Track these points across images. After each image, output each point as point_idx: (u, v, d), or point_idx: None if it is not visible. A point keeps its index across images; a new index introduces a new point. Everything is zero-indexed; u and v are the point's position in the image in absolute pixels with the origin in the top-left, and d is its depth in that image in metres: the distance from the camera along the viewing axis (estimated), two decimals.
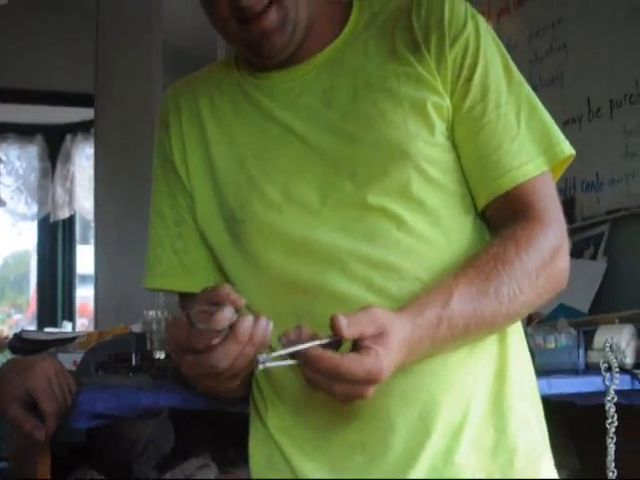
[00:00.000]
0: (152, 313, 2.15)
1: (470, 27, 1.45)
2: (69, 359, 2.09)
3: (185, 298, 1.58)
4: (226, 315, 1.18)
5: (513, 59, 1.49)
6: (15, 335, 2.49)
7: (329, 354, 1.15)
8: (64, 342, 2.36)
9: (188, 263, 1.55)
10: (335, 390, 1.17)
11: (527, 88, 1.48)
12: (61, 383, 1.65)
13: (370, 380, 1.17)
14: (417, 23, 1.46)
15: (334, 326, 1.16)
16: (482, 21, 1.48)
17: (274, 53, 1.45)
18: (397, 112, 1.41)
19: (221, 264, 1.52)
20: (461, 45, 1.44)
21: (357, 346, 1.18)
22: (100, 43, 4.14)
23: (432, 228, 1.40)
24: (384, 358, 1.18)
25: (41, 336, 2.44)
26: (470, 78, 1.43)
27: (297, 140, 1.44)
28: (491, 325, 1.35)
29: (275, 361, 1.18)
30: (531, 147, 1.43)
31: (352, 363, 1.15)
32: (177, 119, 1.57)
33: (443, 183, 1.42)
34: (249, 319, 1.18)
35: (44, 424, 1.60)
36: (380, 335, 1.19)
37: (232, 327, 1.17)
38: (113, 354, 2.02)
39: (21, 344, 2.33)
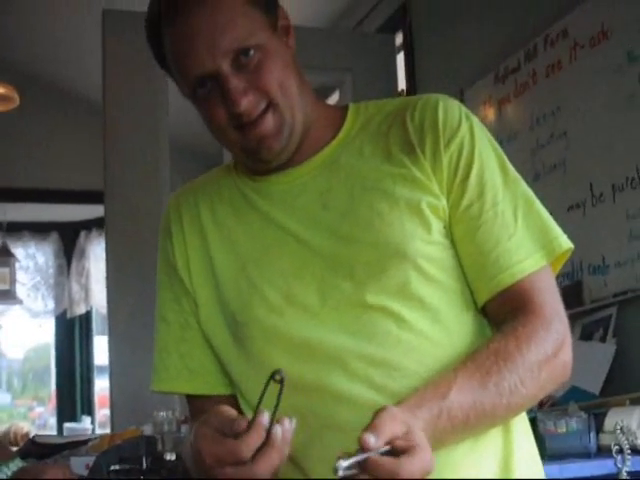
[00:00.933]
0: (163, 414, 2.16)
1: (464, 128, 1.48)
2: (82, 462, 2.10)
3: (193, 399, 1.60)
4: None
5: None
6: (29, 440, 2.51)
7: (387, 459, 1.13)
8: (77, 445, 2.37)
9: (193, 366, 1.57)
10: None
11: (523, 185, 1.50)
12: None
13: (424, 474, 1.16)
14: (411, 125, 1.49)
15: (364, 447, 1.13)
16: (476, 121, 1.51)
17: (272, 157, 1.48)
18: (393, 212, 1.43)
19: (225, 365, 1.54)
20: (456, 146, 1.46)
21: (394, 448, 1.16)
22: (108, 143, 4.20)
23: (432, 325, 1.41)
24: (427, 451, 1.18)
25: (54, 440, 2.45)
26: (466, 178, 1.45)
27: (295, 242, 1.47)
28: (492, 417, 1.35)
29: (349, 469, 1.14)
30: (529, 243, 1.44)
31: (407, 464, 1.14)
32: (179, 226, 1.60)
33: (442, 280, 1.44)
34: (279, 427, 1.18)
35: None
36: (409, 432, 1.18)
37: (268, 436, 1.18)
38: (124, 457, 2.03)
39: (35, 448, 2.35)
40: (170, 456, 2.00)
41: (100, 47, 4.23)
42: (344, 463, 1.12)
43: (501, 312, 1.44)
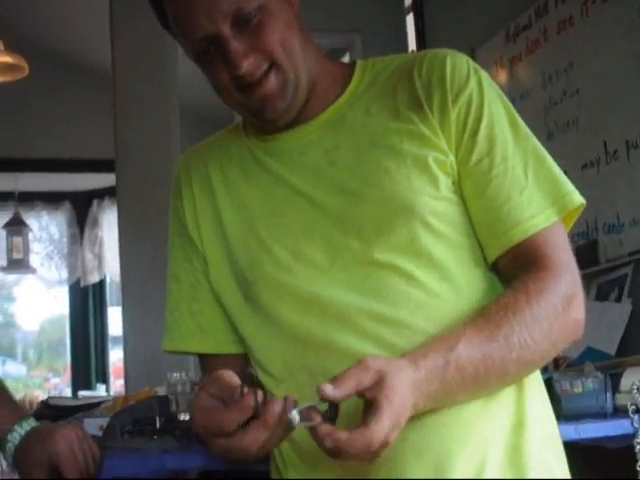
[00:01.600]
0: (176, 375, 2.16)
1: (473, 82, 1.46)
2: (96, 424, 2.10)
3: (204, 359, 1.60)
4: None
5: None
6: (42, 402, 2.51)
7: (336, 434, 1.17)
8: (90, 407, 2.38)
9: (205, 325, 1.57)
10: (349, 460, 1.20)
11: (534, 140, 1.48)
12: (83, 448, 1.66)
13: (377, 449, 1.18)
14: (419, 81, 1.47)
15: (321, 396, 1.18)
16: (485, 75, 1.49)
17: (277, 117, 1.47)
18: (400, 169, 1.42)
19: (236, 324, 1.54)
20: (464, 101, 1.45)
21: (365, 400, 1.20)
22: (118, 110, 4.20)
23: (442, 282, 1.40)
24: (386, 419, 1.18)
25: (67, 402, 2.46)
26: (475, 132, 1.44)
27: (304, 200, 1.46)
28: (502, 372, 1.34)
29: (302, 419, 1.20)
30: (540, 198, 1.43)
31: (353, 441, 1.16)
32: (188, 187, 1.60)
33: (451, 236, 1.43)
34: (278, 404, 1.20)
35: None
36: (379, 382, 1.19)
37: (261, 411, 1.19)
38: (137, 418, 2.03)
39: (48, 411, 2.35)
40: (184, 416, 2.00)
41: (108, 16, 4.21)
42: (295, 413, 1.18)
43: (512, 268, 1.43)
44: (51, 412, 2.32)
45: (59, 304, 8.17)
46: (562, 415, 2.18)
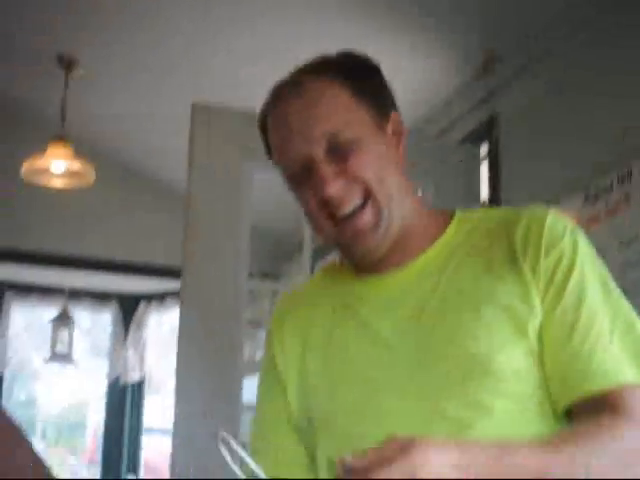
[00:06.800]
0: None
1: (567, 240, 1.47)
2: None
3: None
4: None
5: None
6: None
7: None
8: None
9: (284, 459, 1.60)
10: None
11: (626, 306, 1.46)
12: None
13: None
14: (516, 238, 1.49)
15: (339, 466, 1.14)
16: (583, 239, 1.50)
17: (365, 253, 1.51)
18: (483, 334, 1.43)
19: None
20: (555, 255, 1.46)
21: None
22: (190, 221, 4.27)
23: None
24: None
25: None
26: (563, 286, 1.44)
27: (385, 350, 1.48)
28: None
29: None
30: (623, 360, 1.40)
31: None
32: (280, 333, 1.64)
33: (518, 392, 1.43)
34: None
35: None
36: (405, 447, 1.13)
37: None
38: None
39: None
40: None
41: (182, 137, 4.31)
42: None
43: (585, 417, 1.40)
44: None
45: (85, 393, 8.17)
46: None
